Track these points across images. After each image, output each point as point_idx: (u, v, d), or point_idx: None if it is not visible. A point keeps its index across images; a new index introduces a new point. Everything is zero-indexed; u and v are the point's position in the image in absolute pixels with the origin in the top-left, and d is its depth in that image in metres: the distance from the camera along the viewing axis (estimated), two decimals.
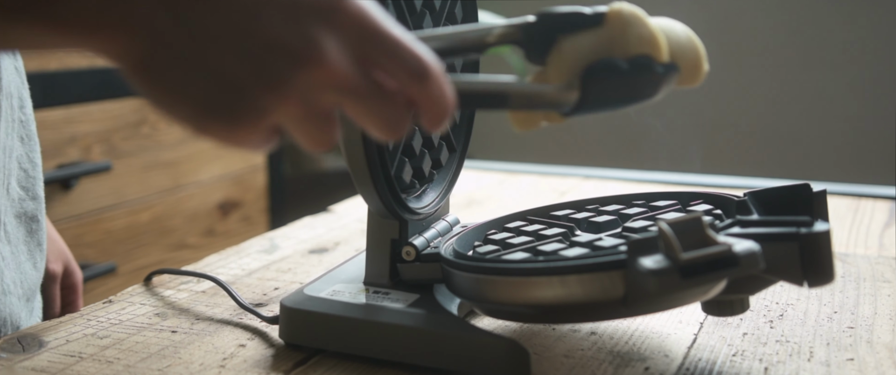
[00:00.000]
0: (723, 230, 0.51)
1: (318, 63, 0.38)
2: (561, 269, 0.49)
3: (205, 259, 0.81)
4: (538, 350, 0.58)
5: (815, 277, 0.49)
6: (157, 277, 0.75)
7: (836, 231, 0.88)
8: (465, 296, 0.56)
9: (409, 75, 0.40)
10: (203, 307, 0.68)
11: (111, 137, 1.60)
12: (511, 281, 0.51)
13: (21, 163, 0.71)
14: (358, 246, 0.86)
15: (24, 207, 0.70)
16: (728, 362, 0.57)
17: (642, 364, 0.56)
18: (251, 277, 0.76)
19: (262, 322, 0.64)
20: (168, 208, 1.78)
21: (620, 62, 0.47)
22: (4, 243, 0.67)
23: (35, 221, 0.72)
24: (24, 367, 0.57)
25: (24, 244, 0.70)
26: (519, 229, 0.63)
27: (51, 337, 0.62)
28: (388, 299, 0.59)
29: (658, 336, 0.61)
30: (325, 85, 0.39)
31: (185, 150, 1.82)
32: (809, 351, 0.58)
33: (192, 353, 0.59)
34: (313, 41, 0.38)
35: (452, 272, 0.56)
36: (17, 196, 0.70)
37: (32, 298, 0.72)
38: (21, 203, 0.70)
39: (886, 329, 0.62)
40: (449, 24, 0.66)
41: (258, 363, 0.57)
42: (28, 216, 0.71)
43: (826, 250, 0.49)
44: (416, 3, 0.62)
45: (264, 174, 2.09)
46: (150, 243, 1.72)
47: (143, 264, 1.65)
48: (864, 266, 0.77)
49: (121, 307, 0.68)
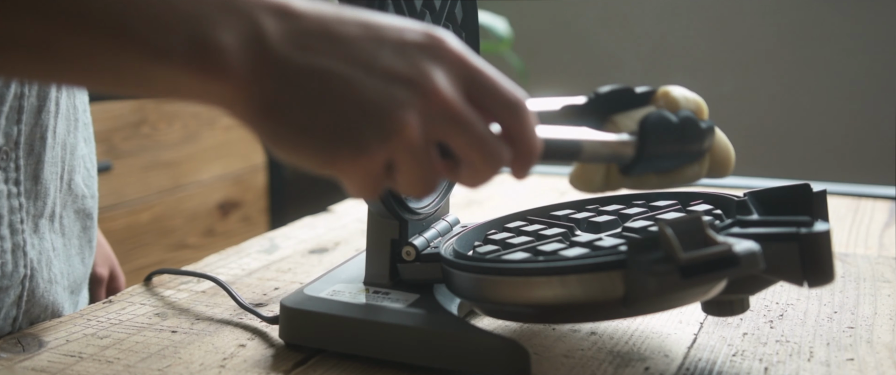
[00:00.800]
0: (723, 230, 0.51)
1: (434, 91, 0.41)
2: (561, 269, 0.49)
3: (205, 259, 0.81)
4: (538, 350, 0.58)
5: (815, 277, 0.49)
6: (157, 277, 0.75)
7: (836, 231, 0.88)
8: (466, 296, 0.56)
9: (507, 107, 0.44)
10: (203, 307, 0.68)
11: (111, 137, 1.60)
12: (511, 281, 0.51)
13: (84, 162, 0.74)
14: (358, 246, 0.86)
15: (84, 204, 0.74)
16: (728, 362, 0.57)
17: (642, 364, 0.56)
18: (251, 277, 0.76)
19: (262, 322, 0.64)
20: (168, 208, 1.78)
21: (670, 114, 0.51)
22: (58, 235, 0.69)
23: (90, 218, 0.75)
24: (24, 367, 0.57)
25: (76, 238, 0.73)
26: (519, 229, 0.63)
27: (51, 337, 0.62)
28: (388, 299, 0.59)
29: (658, 336, 0.61)
30: (439, 112, 0.42)
31: (185, 150, 1.82)
32: (809, 351, 0.58)
33: (192, 353, 0.59)
34: (427, 73, 0.42)
35: (452, 272, 0.56)
36: (80, 193, 0.73)
37: (78, 292, 0.75)
38: (82, 200, 0.73)
39: (886, 329, 0.62)
40: (449, 24, 0.66)
41: (258, 363, 0.57)
42: (85, 213, 0.74)
43: (826, 250, 0.49)
44: (417, 3, 0.62)
45: (264, 174, 2.09)
46: (150, 243, 1.72)
47: (143, 264, 1.65)
48: (864, 266, 0.77)
49: (121, 307, 0.68)
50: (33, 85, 0.63)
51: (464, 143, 0.43)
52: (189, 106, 1.82)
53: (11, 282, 0.63)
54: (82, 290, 0.76)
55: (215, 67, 0.39)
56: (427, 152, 0.42)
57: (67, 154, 0.70)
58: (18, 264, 0.64)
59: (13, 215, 0.63)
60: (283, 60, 0.40)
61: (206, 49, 0.39)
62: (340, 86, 0.40)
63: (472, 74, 0.43)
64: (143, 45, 0.38)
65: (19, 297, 0.64)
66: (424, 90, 0.41)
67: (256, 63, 0.40)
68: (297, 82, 0.40)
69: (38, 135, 0.65)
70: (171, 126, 1.78)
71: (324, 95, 0.40)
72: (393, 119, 0.41)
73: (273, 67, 0.40)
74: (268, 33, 0.40)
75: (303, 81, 0.40)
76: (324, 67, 0.40)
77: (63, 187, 0.70)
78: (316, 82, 0.40)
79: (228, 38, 0.39)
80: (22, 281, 0.64)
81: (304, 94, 0.40)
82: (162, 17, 0.38)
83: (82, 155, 0.74)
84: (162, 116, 1.75)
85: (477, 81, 0.43)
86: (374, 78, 0.41)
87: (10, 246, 0.63)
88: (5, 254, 0.63)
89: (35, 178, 0.65)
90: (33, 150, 0.65)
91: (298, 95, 0.40)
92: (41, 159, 0.65)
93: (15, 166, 0.63)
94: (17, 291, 0.64)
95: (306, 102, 0.40)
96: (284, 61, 0.40)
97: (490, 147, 0.43)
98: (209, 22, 0.39)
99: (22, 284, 0.64)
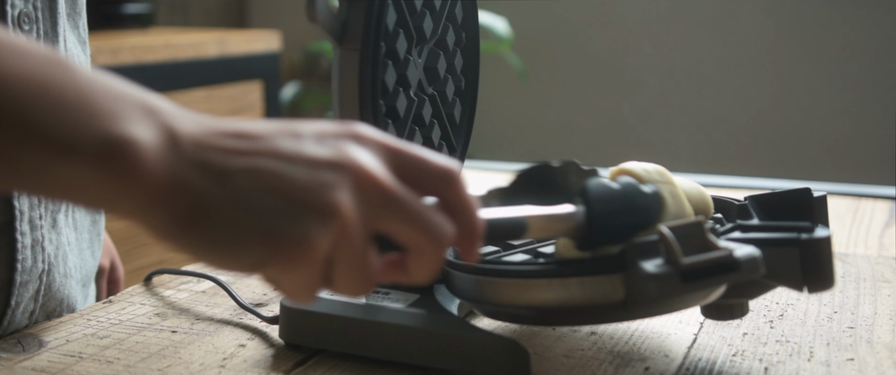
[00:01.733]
0: (723, 235, 0.51)
1: (362, 170, 0.40)
2: (561, 271, 0.49)
3: None
4: (538, 350, 0.58)
5: (815, 282, 0.49)
6: (157, 277, 0.75)
7: (836, 231, 0.88)
8: (465, 297, 0.56)
9: (440, 177, 0.42)
10: (203, 307, 0.68)
11: None
12: (511, 283, 0.51)
13: None
14: None
15: None
16: (728, 362, 0.57)
17: (642, 364, 0.56)
18: (251, 277, 0.76)
19: (262, 322, 0.64)
20: None
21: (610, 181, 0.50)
22: (71, 229, 0.70)
23: (98, 212, 0.75)
24: (24, 367, 0.57)
25: (87, 232, 0.74)
26: None
27: (51, 337, 0.62)
28: (388, 299, 0.59)
29: (658, 336, 0.61)
30: (372, 192, 0.40)
31: None
32: (809, 351, 0.58)
33: (192, 353, 0.59)
34: (352, 155, 0.40)
35: (452, 273, 0.56)
36: None
37: (88, 284, 0.76)
38: None
39: (886, 329, 0.62)
40: (449, 24, 0.66)
41: (258, 363, 0.57)
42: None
43: (826, 256, 0.49)
44: (417, 3, 0.62)
45: None
46: (150, 243, 1.71)
47: (143, 264, 1.65)
48: (864, 266, 0.77)
49: (121, 307, 0.68)
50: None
51: (403, 223, 0.41)
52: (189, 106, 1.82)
53: (30, 277, 0.64)
54: (91, 283, 0.77)
55: (126, 164, 0.37)
56: (365, 243, 0.40)
57: None
58: (37, 259, 0.65)
59: (32, 211, 0.64)
60: (203, 161, 0.38)
61: (116, 144, 0.36)
62: (267, 180, 0.39)
63: (397, 153, 0.42)
64: (48, 139, 0.36)
65: (37, 291, 0.65)
66: (353, 171, 0.40)
67: (174, 165, 0.38)
68: (221, 182, 0.38)
69: None
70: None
71: (253, 192, 0.38)
72: (327, 202, 0.39)
73: (194, 169, 0.38)
74: (183, 134, 0.39)
75: (230, 181, 0.38)
76: (247, 164, 0.39)
77: None
78: (242, 180, 0.39)
79: (143, 134, 0.37)
80: (40, 276, 0.65)
81: (231, 193, 0.38)
82: (71, 110, 0.36)
83: None
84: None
85: (403, 158, 0.42)
86: (300, 167, 0.39)
87: (30, 242, 0.64)
88: (25, 249, 0.63)
89: None
90: None
91: (225, 194, 0.38)
92: None
93: None
94: (35, 285, 0.65)
95: (237, 202, 0.38)
96: (205, 163, 0.38)
97: (432, 222, 0.41)
98: (123, 117, 0.37)
99: (40, 278, 0.65)
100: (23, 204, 0.63)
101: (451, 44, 0.67)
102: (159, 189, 0.38)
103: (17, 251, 0.63)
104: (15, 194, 0.62)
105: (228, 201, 0.38)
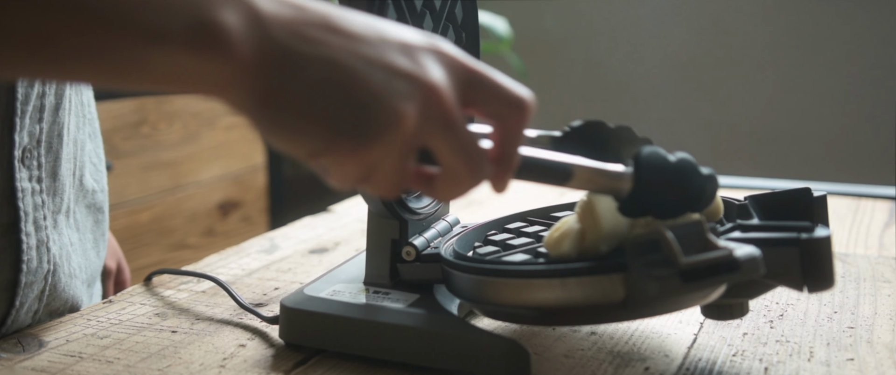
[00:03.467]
0: (723, 235, 0.51)
1: (435, 89, 0.42)
2: (561, 271, 0.49)
3: (205, 259, 0.81)
4: (538, 350, 0.58)
5: (815, 282, 0.49)
6: (157, 277, 0.75)
7: (836, 231, 0.88)
8: (465, 297, 0.56)
9: (509, 104, 0.44)
10: (203, 307, 0.68)
11: (111, 137, 1.60)
12: (511, 283, 0.51)
13: (90, 158, 0.76)
14: (358, 246, 0.86)
15: (94, 198, 0.75)
16: (728, 362, 0.57)
17: (642, 364, 0.56)
18: (251, 277, 0.76)
19: (262, 322, 0.64)
20: (168, 208, 1.78)
21: (668, 153, 0.49)
22: (74, 230, 0.71)
23: (101, 212, 0.76)
24: (24, 367, 0.57)
25: (90, 232, 0.74)
26: (519, 230, 0.63)
27: (51, 337, 0.62)
28: (388, 299, 0.59)
29: (658, 336, 0.61)
30: (436, 112, 0.42)
31: (185, 150, 1.82)
32: (809, 351, 0.58)
33: (192, 353, 0.59)
34: (429, 71, 0.42)
35: (452, 273, 0.56)
36: (90, 188, 0.75)
37: (93, 284, 0.76)
38: (93, 195, 0.75)
39: (886, 329, 0.62)
40: (449, 24, 0.66)
41: (258, 363, 0.57)
42: (96, 208, 0.76)
43: (826, 256, 0.49)
44: (417, 3, 0.62)
45: (264, 174, 2.09)
46: (150, 243, 1.72)
47: (143, 264, 1.65)
48: (864, 266, 0.77)
49: (121, 307, 0.68)
50: (52, 83, 0.64)
51: (450, 147, 0.43)
52: (189, 106, 1.82)
53: (36, 277, 0.65)
54: (96, 282, 0.78)
55: (217, 46, 0.38)
56: (412, 152, 0.43)
57: (78, 150, 0.72)
58: (42, 259, 0.65)
59: (36, 211, 0.64)
60: (285, 46, 0.40)
61: (208, 28, 0.38)
62: (344, 76, 0.40)
63: (472, 74, 0.44)
64: (141, 28, 0.38)
65: (42, 291, 0.66)
66: (426, 87, 0.41)
67: (259, 46, 0.39)
68: (300, 69, 0.40)
69: (55, 132, 0.66)
70: (171, 126, 1.78)
71: (327, 84, 0.40)
72: (394, 110, 0.41)
73: (276, 52, 0.40)
74: (269, 19, 0.40)
75: (306, 69, 0.40)
76: (328, 56, 0.40)
77: (75, 182, 0.71)
78: (320, 71, 0.40)
79: (231, 19, 0.39)
80: (45, 276, 0.66)
81: (308, 81, 0.40)
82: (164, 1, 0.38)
83: (89, 151, 0.75)
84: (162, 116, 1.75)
85: (477, 78, 0.44)
86: (378, 71, 0.41)
87: (35, 242, 0.64)
88: (31, 250, 0.64)
89: (54, 175, 0.66)
90: (52, 147, 0.66)
91: (301, 82, 0.40)
92: (58, 156, 0.67)
93: (37, 164, 0.64)
94: (40, 286, 0.65)
95: (309, 90, 0.40)
96: (286, 48, 0.40)
97: (475, 156, 0.43)
98: (210, 3, 0.39)
99: (45, 279, 0.66)
100: (27, 205, 0.63)
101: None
102: (242, 70, 0.39)
103: (23, 252, 0.63)
104: (20, 194, 0.63)
105: (298, 88, 0.40)
